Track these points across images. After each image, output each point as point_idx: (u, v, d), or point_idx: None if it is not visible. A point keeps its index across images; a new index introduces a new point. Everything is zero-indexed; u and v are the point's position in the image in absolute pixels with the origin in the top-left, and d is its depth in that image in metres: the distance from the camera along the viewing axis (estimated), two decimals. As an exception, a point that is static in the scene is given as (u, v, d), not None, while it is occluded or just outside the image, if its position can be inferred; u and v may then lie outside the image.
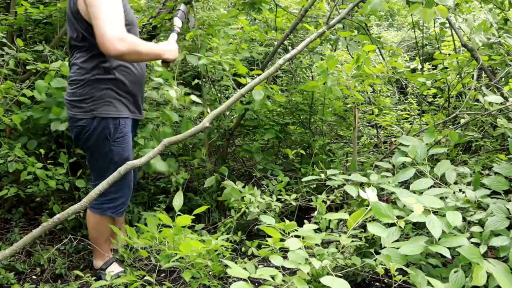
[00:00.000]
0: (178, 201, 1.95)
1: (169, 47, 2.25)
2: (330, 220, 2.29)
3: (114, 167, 2.13)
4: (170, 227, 1.89)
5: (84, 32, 2.08)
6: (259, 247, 2.14)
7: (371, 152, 3.71)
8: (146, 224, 1.96)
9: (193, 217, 1.91)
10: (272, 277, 1.58)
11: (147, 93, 2.71)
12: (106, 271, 2.31)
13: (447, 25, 3.43)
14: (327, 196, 2.45)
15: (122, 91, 2.20)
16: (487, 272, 1.61)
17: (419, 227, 2.13)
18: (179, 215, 1.85)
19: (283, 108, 3.45)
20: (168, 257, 1.93)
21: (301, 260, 1.67)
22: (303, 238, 1.78)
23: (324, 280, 1.50)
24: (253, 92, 2.55)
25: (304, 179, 2.41)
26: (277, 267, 1.70)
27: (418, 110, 4.38)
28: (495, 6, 3.05)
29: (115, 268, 2.36)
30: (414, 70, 4.38)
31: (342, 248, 1.96)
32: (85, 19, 2.05)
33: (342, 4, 3.58)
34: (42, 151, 2.65)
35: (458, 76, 3.53)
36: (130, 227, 2.03)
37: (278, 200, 2.59)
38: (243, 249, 2.37)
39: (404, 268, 1.69)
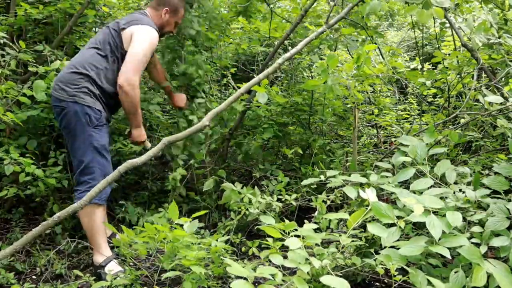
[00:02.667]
0: (174, 211, 1.94)
1: (141, 131, 2.60)
2: (330, 220, 2.29)
3: (93, 151, 2.40)
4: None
5: (116, 50, 2.48)
6: (259, 247, 2.14)
7: (371, 152, 3.70)
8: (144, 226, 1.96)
9: (191, 220, 1.92)
10: (272, 276, 1.58)
11: None
12: (105, 268, 2.32)
13: (447, 25, 3.43)
14: (327, 196, 2.44)
15: (105, 98, 2.49)
16: (487, 273, 1.61)
17: (419, 227, 2.13)
18: (178, 223, 1.86)
19: (282, 107, 3.45)
20: (168, 258, 1.93)
21: (301, 259, 1.67)
22: (303, 237, 1.78)
23: (324, 279, 1.50)
24: (257, 94, 2.55)
25: (303, 182, 2.40)
26: (277, 267, 1.70)
27: (418, 110, 4.38)
28: (495, 6, 3.04)
29: (113, 266, 2.37)
30: (414, 70, 4.37)
31: (342, 248, 1.95)
32: (124, 46, 2.47)
33: (342, 7, 3.56)
34: (37, 152, 2.66)
35: (458, 76, 3.53)
36: (128, 228, 2.03)
37: (278, 200, 2.59)
38: (243, 249, 2.37)
39: (405, 267, 1.69)
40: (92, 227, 2.40)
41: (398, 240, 1.79)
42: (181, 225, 1.99)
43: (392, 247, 1.77)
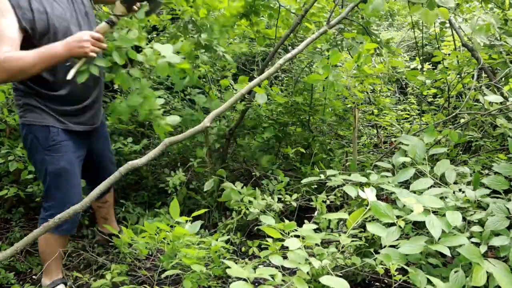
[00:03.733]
0: (175, 209, 1.94)
1: (72, 41, 1.87)
2: (330, 220, 2.29)
3: (50, 177, 2.07)
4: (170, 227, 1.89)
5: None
6: (259, 247, 2.14)
7: (371, 152, 3.71)
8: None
9: (190, 219, 1.92)
10: (272, 277, 1.58)
11: None
12: None
13: (447, 25, 3.43)
14: (327, 196, 2.45)
15: (47, 101, 2.06)
16: (487, 272, 1.61)
17: (419, 227, 2.13)
18: (178, 222, 1.86)
19: (282, 107, 3.45)
20: (169, 258, 1.94)
21: (300, 259, 1.67)
22: (303, 238, 1.78)
23: (324, 279, 1.50)
24: (256, 95, 2.53)
25: (303, 181, 2.40)
26: (276, 267, 1.70)
27: (418, 110, 4.38)
28: (495, 6, 3.04)
29: None
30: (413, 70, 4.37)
31: (342, 248, 1.96)
32: None
33: (342, 8, 3.56)
34: None
35: (458, 76, 3.53)
36: (127, 228, 2.03)
37: (278, 200, 2.59)
38: (243, 249, 2.37)
39: (404, 267, 1.69)
40: (45, 251, 2.20)
41: (398, 240, 1.80)
42: (179, 223, 1.99)
43: (392, 246, 1.77)
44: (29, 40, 1.91)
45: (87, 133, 2.22)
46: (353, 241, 1.90)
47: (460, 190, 2.11)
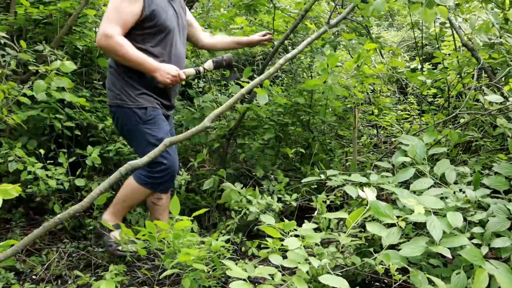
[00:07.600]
0: (175, 206, 1.94)
1: (164, 69, 2.34)
2: (330, 220, 2.29)
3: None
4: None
5: None
6: (259, 247, 2.14)
7: (371, 152, 3.70)
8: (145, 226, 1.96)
9: (191, 219, 1.92)
10: (271, 276, 1.58)
11: None
12: (111, 234, 2.41)
13: (447, 25, 3.43)
14: (327, 196, 2.44)
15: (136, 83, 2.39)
16: (488, 274, 1.61)
17: (419, 227, 2.13)
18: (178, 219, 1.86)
19: (282, 108, 3.45)
20: (169, 257, 1.93)
21: (300, 259, 1.67)
22: (302, 237, 1.78)
23: (323, 278, 1.50)
24: (258, 96, 2.54)
25: (303, 180, 2.40)
26: (276, 267, 1.70)
27: (418, 110, 4.37)
28: (495, 6, 3.04)
29: (116, 235, 2.40)
30: (414, 70, 4.37)
31: (342, 247, 1.95)
32: None
33: (342, 8, 3.56)
34: (42, 151, 2.65)
35: (458, 76, 3.52)
36: (128, 228, 2.03)
37: (278, 200, 2.59)
38: (243, 249, 2.37)
39: (406, 266, 1.69)
40: (127, 196, 2.43)
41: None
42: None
43: (392, 247, 1.77)
44: (137, 24, 2.31)
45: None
46: (352, 240, 1.90)
47: (460, 190, 2.11)
